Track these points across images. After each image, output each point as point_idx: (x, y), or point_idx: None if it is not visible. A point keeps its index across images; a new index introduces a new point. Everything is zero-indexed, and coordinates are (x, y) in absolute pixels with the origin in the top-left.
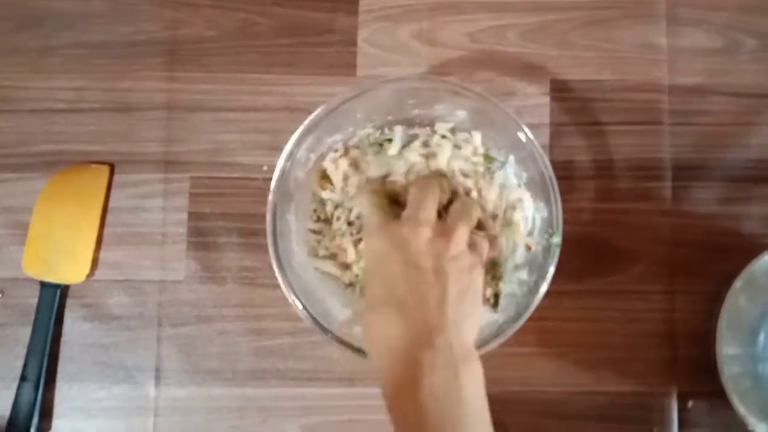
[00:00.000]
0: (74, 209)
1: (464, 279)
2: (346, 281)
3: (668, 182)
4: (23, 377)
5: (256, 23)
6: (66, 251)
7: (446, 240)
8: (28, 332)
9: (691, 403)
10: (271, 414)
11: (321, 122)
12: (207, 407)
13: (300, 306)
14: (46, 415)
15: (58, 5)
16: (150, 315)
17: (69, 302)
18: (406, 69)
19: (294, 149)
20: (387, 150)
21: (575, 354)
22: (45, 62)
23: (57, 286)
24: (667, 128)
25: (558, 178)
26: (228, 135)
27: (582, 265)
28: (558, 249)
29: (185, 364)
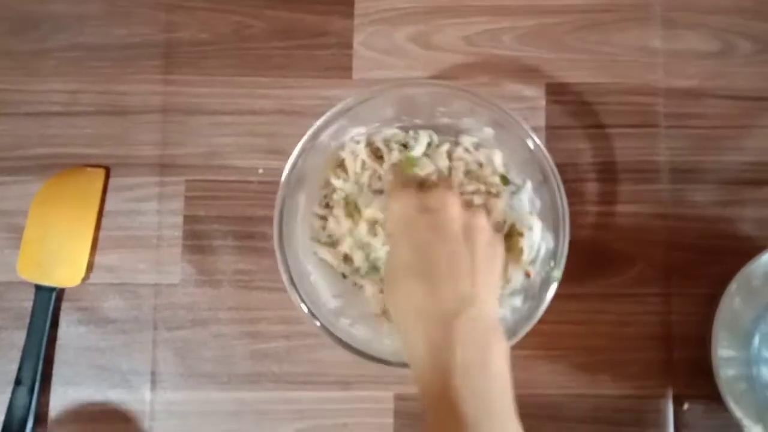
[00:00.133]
0: (70, 212)
1: (489, 251)
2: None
3: (664, 185)
4: (18, 381)
5: (251, 26)
6: (61, 255)
7: (474, 210)
8: (23, 336)
9: (687, 406)
10: (266, 417)
11: (350, 111)
12: (202, 411)
13: (289, 282)
14: (41, 420)
15: (53, 8)
16: (145, 318)
17: (64, 306)
18: (402, 72)
19: (318, 132)
20: (410, 150)
21: (571, 357)
22: (40, 65)
23: (52, 290)
24: (663, 131)
25: None
26: (223, 138)
27: (578, 268)
28: (557, 283)
29: (181, 368)
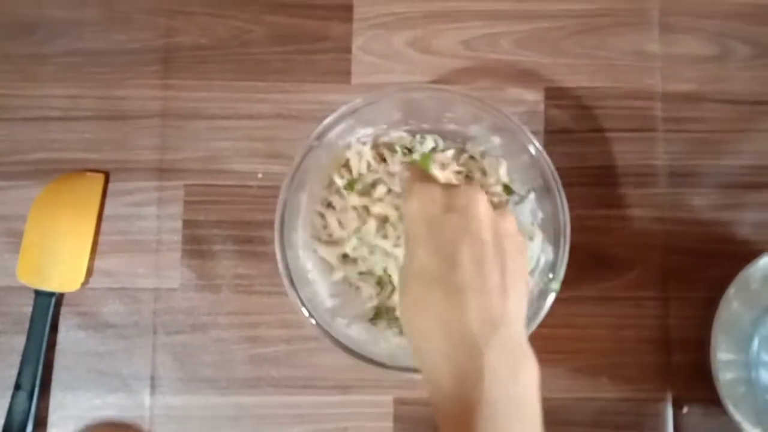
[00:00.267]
0: (69, 217)
1: (519, 260)
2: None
3: (662, 189)
4: (17, 386)
5: (250, 31)
6: (61, 259)
7: (503, 212)
8: (23, 341)
9: (686, 409)
10: (266, 422)
11: (358, 112)
12: (202, 415)
13: (286, 274)
14: (41, 424)
15: (51, 13)
16: (145, 323)
17: (64, 310)
18: (401, 77)
19: (325, 131)
20: (415, 154)
21: (570, 360)
22: (38, 70)
23: (51, 295)
24: (661, 135)
25: None
26: (222, 143)
27: (576, 272)
28: (554, 295)
29: (180, 373)
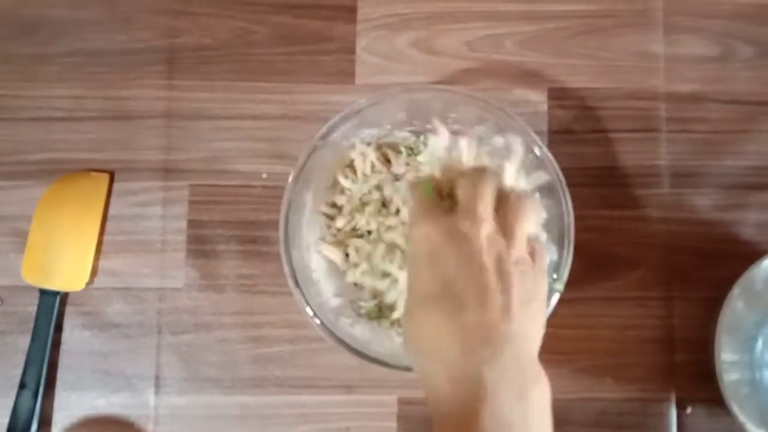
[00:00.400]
0: (74, 217)
1: (528, 286)
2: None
3: (665, 189)
4: (22, 385)
5: (254, 31)
6: (65, 259)
7: (508, 240)
8: (28, 340)
9: (690, 410)
10: (270, 422)
11: (362, 112)
12: (206, 415)
13: (291, 275)
14: (45, 424)
15: (53, 13)
16: (149, 323)
17: (68, 310)
18: (405, 78)
19: (330, 131)
20: (417, 155)
21: (573, 361)
22: (40, 70)
23: (56, 294)
24: (664, 135)
25: None
26: (227, 143)
27: (580, 272)
28: (558, 295)
29: (185, 372)
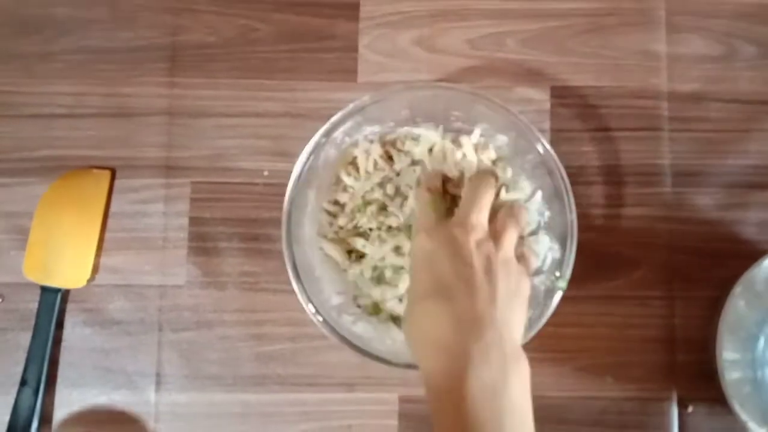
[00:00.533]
0: (75, 214)
1: (512, 283)
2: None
3: (667, 188)
4: (23, 382)
5: (257, 29)
6: (67, 256)
7: (496, 243)
8: (29, 337)
9: (691, 409)
10: (272, 419)
11: (365, 109)
12: (207, 413)
13: (293, 272)
14: (46, 421)
15: (57, 11)
16: (151, 320)
17: (69, 307)
18: (407, 76)
19: (333, 128)
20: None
21: (575, 359)
22: (44, 68)
23: (57, 291)
24: (667, 134)
25: None
26: (229, 140)
27: (581, 271)
28: (561, 293)
29: (186, 370)
